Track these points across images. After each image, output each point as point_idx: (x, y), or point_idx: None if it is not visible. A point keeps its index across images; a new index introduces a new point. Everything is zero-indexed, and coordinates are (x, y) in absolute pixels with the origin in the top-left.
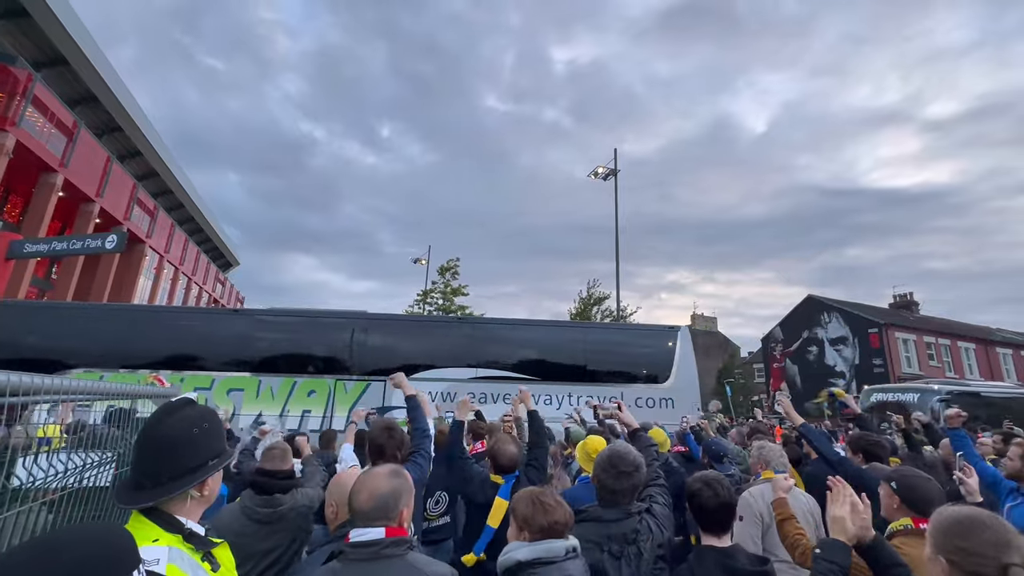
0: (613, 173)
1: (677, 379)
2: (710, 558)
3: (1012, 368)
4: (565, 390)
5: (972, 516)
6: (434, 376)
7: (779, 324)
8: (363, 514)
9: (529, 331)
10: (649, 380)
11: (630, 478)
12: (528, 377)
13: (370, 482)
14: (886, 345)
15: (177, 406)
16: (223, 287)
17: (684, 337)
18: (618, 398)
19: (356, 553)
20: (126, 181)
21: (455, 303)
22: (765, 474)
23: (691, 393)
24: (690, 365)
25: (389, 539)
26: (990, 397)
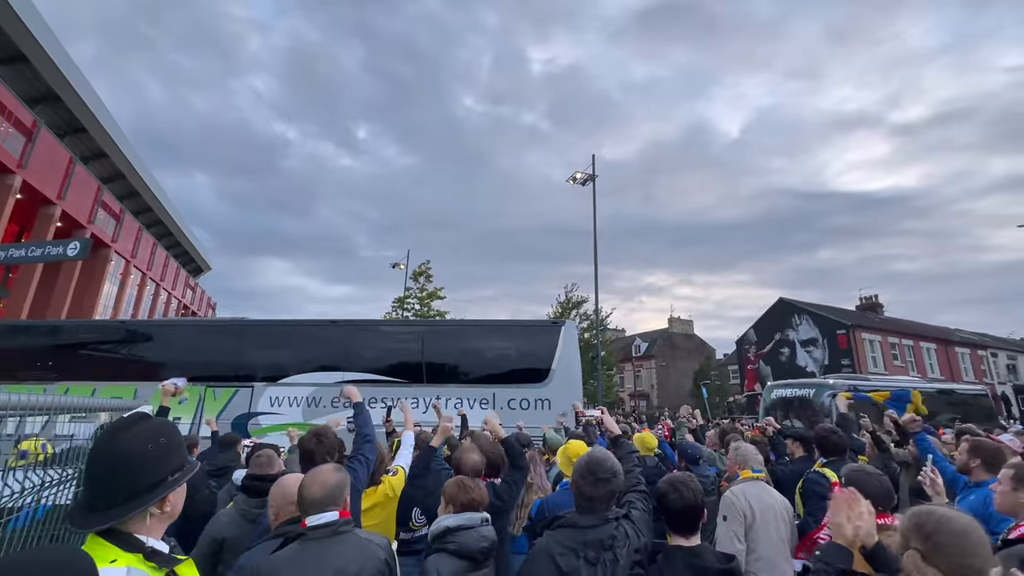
0: (591, 178)
1: (556, 379)
2: (678, 558)
3: (969, 367)
4: (434, 392)
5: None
6: (302, 381)
7: (753, 326)
8: (316, 503)
9: (400, 331)
10: (528, 380)
11: (607, 484)
12: (398, 380)
13: (320, 476)
14: (853, 346)
15: (130, 421)
16: (194, 293)
17: (568, 334)
18: (490, 399)
19: (316, 534)
20: (90, 183)
21: (432, 307)
22: (744, 473)
23: (570, 393)
24: (572, 364)
25: (342, 519)
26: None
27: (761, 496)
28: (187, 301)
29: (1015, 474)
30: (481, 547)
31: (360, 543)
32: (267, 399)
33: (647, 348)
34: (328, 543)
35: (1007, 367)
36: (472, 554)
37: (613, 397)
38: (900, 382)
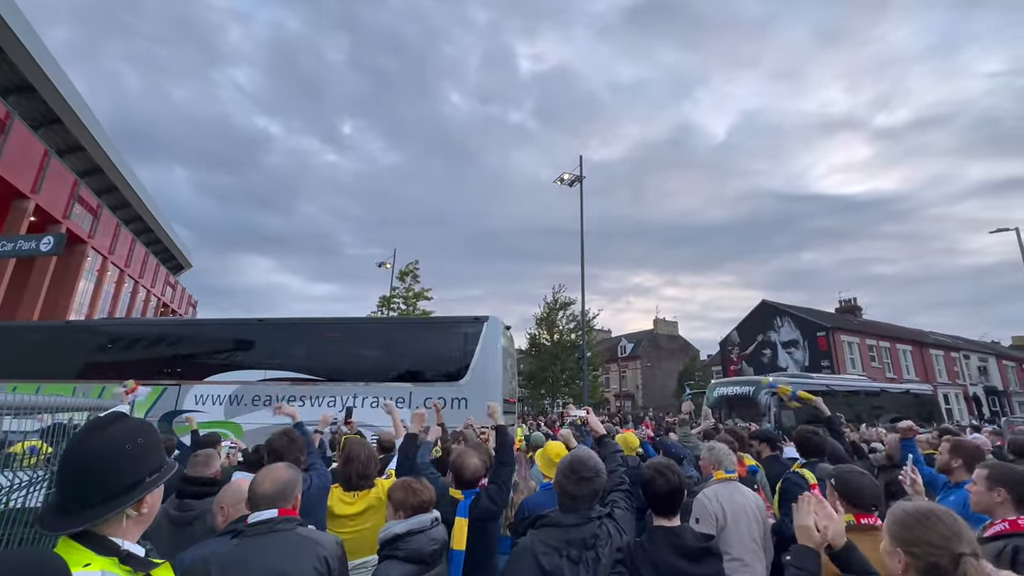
0: (579, 180)
1: (474, 376)
2: (660, 537)
3: (943, 368)
4: (352, 390)
5: (928, 510)
6: (222, 379)
7: (736, 328)
8: (266, 498)
9: (321, 329)
10: (446, 378)
11: (591, 483)
12: (315, 378)
13: (272, 473)
14: (833, 347)
15: (106, 421)
16: (174, 291)
17: (490, 331)
18: (406, 397)
19: (252, 530)
20: (66, 177)
21: (418, 307)
22: (717, 475)
23: (487, 392)
24: (492, 361)
25: (281, 516)
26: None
27: (732, 497)
28: (167, 299)
29: (989, 474)
30: (432, 550)
31: (298, 541)
32: (192, 397)
33: (632, 349)
34: (263, 540)
35: (978, 369)
36: (422, 557)
37: (599, 397)
38: (845, 381)
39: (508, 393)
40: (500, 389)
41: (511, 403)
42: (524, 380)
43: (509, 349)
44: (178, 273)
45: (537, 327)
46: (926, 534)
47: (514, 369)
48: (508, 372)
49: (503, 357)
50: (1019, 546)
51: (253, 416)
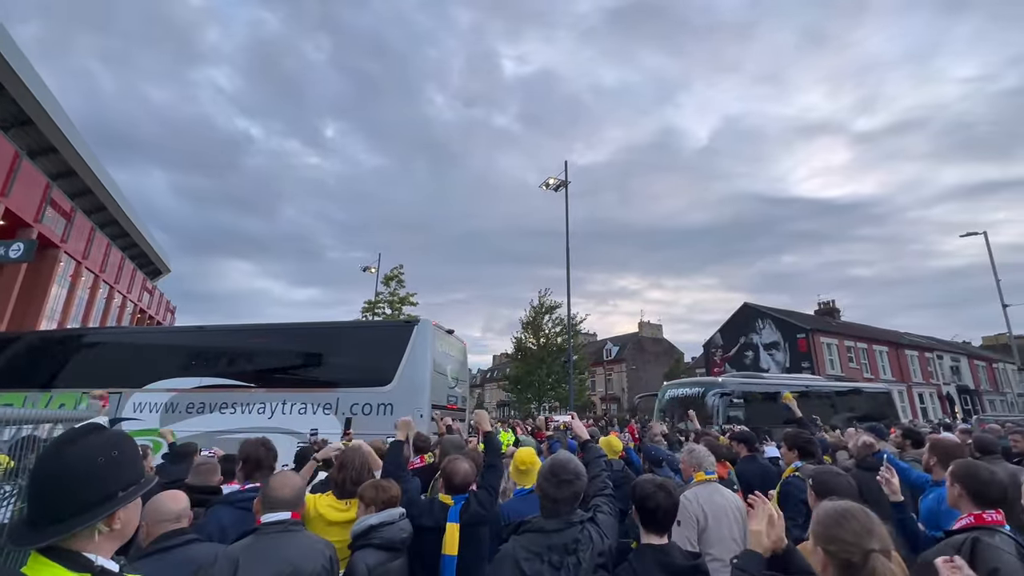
0: (564, 184)
1: (400, 381)
2: (649, 556)
3: (918, 368)
4: (281, 397)
5: (844, 509)
6: (158, 387)
7: (719, 330)
8: (286, 502)
9: (252, 335)
10: (374, 383)
11: (571, 486)
12: (248, 384)
13: (290, 480)
14: (813, 349)
15: (80, 433)
16: (151, 296)
17: (421, 334)
18: (334, 404)
19: (269, 529)
20: (37, 179)
21: (403, 312)
22: (698, 476)
23: (414, 397)
24: (420, 365)
25: (294, 519)
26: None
27: (713, 498)
28: (144, 305)
29: (952, 471)
30: (402, 538)
31: (309, 541)
32: (131, 405)
33: (618, 352)
34: (280, 538)
35: (951, 368)
36: (394, 545)
37: (584, 401)
38: (797, 381)
39: (449, 399)
40: (427, 395)
41: (451, 409)
42: (511, 384)
43: (450, 353)
44: (156, 278)
45: (523, 331)
46: (840, 532)
47: (463, 375)
48: (446, 377)
49: (435, 362)
50: (978, 538)
51: (187, 424)
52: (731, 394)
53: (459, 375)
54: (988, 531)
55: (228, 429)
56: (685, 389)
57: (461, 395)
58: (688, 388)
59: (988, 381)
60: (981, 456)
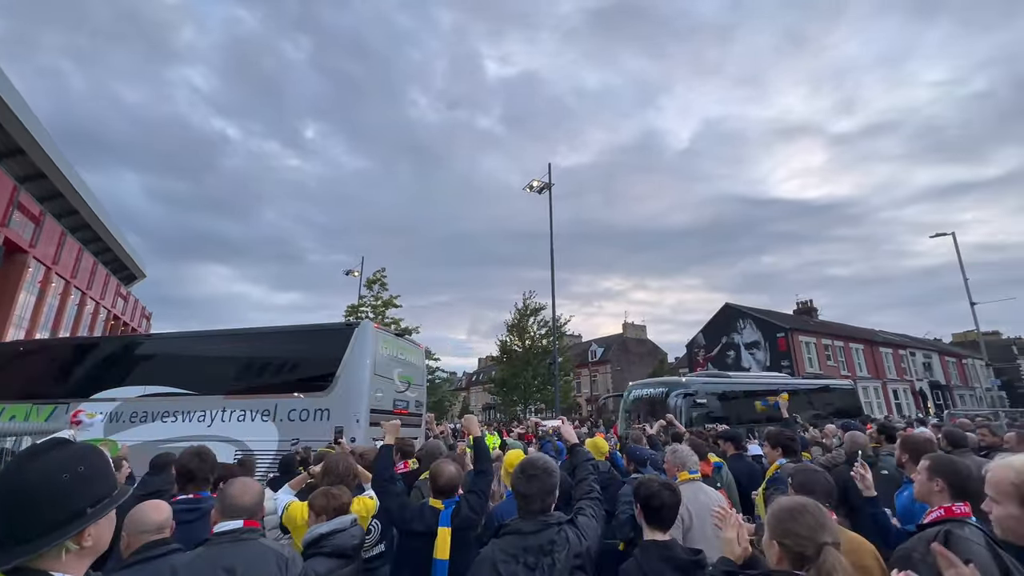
0: (548, 187)
1: (338, 386)
2: (654, 552)
3: (892, 365)
4: (220, 404)
5: (799, 504)
6: (105, 396)
7: (701, 330)
8: (245, 509)
9: (191, 342)
10: (312, 388)
11: (539, 480)
12: (189, 392)
13: (251, 487)
14: (792, 348)
15: (43, 449)
16: (126, 302)
17: (361, 338)
18: (272, 410)
19: (219, 539)
20: (4, 182)
21: (387, 316)
22: (681, 476)
23: (351, 402)
24: (359, 369)
25: (247, 527)
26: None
27: (696, 497)
28: (118, 311)
29: (930, 465)
30: (353, 544)
31: (259, 548)
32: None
33: (603, 353)
34: (226, 547)
35: (923, 365)
36: (345, 552)
37: (570, 402)
38: (765, 380)
39: (397, 403)
40: (364, 400)
41: (399, 414)
42: (496, 387)
43: (400, 356)
44: (130, 284)
45: (509, 333)
46: (795, 526)
47: (419, 379)
48: (393, 381)
49: (378, 365)
50: (950, 530)
51: (131, 433)
52: (694, 394)
53: (413, 379)
54: (958, 523)
55: (170, 438)
56: (649, 389)
57: (415, 399)
58: (652, 388)
59: (958, 376)
60: (952, 450)
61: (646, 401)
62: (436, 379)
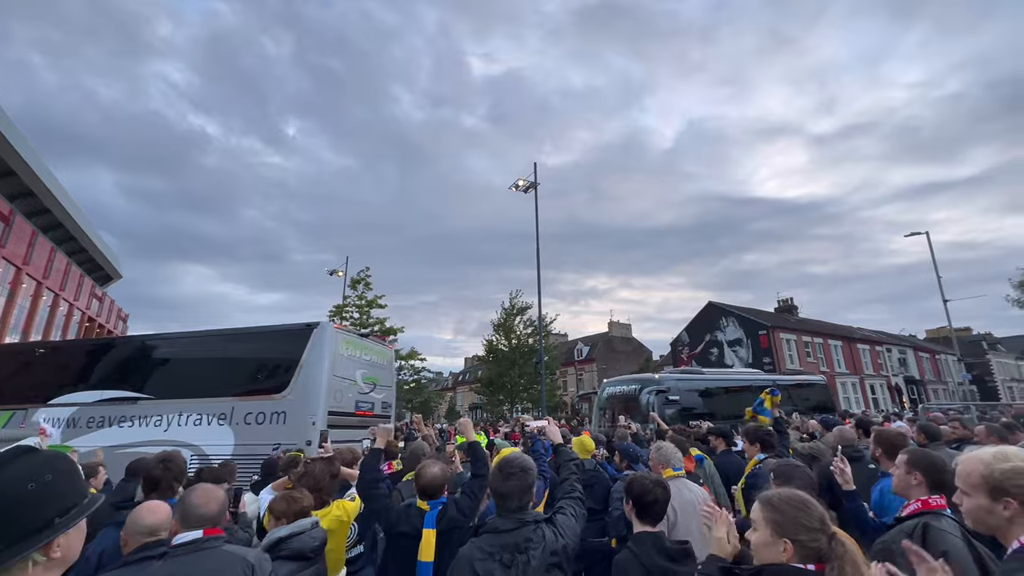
0: (533, 186)
1: (295, 388)
2: (647, 541)
3: (869, 361)
4: (177, 408)
5: (801, 499)
6: (61, 402)
7: (686, 328)
8: (210, 518)
9: (151, 345)
10: (268, 391)
11: (515, 478)
12: (147, 396)
13: (214, 494)
14: (773, 345)
15: (7, 457)
16: (101, 304)
17: (319, 338)
18: (228, 413)
19: (177, 551)
20: None
21: (372, 316)
22: (666, 473)
23: (308, 404)
24: (314, 372)
25: (206, 536)
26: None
27: (681, 493)
28: (93, 313)
29: (908, 459)
30: (313, 547)
31: (223, 558)
32: (38, 421)
33: (588, 352)
34: (187, 559)
35: (899, 360)
36: (304, 554)
37: (556, 401)
38: (739, 376)
39: (360, 405)
40: (321, 402)
41: (363, 416)
42: (483, 387)
43: (364, 357)
44: (106, 284)
45: (495, 332)
46: (808, 520)
47: (385, 380)
48: (355, 383)
49: (338, 366)
50: (928, 523)
51: (88, 439)
52: (667, 391)
53: (380, 380)
54: (935, 515)
55: (127, 443)
56: (623, 386)
57: (381, 400)
58: (625, 385)
59: (932, 371)
60: (927, 443)
61: (619, 398)
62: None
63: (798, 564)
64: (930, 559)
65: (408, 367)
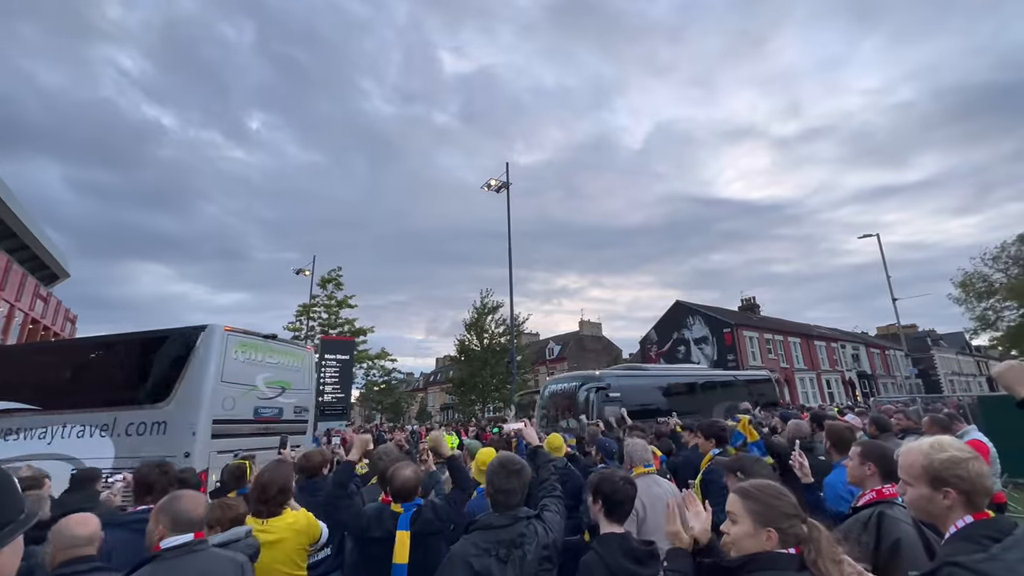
0: (505, 186)
1: (177, 397)
2: (613, 542)
3: (825, 357)
4: (61, 420)
5: (776, 488)
6: None
7: (654, 327)
8: (198, 522)
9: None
10: (151, 400)
11: (518, 476)
12: (32, 407)
13: (200, 499)
14: (737, 342)
15: None
16: (46, 304)
17: (204, 342)
18: (111, 424)
19: (170, 553)
20: None
21: (340, 316)
22: (636, 470)
23: (189, 413)
24: (198, 378)
25: (198, 539)
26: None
27: (650, 489)
28: (37, 314)
29: (861, 451)
30: (248, 555)
31: (214, 559)
32: None
33: (559, 351)
34: (180, 561)
35: (852, 356)
36: None
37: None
38: (682, 372)
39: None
40: (204, 411)
41: (269, 422)
42: (454, 387)
43: (269, 360)
44: (52, 284)
45: (467, 332)
46: (785, 508)
47: (301, 383)
48: (255, 388)
49: (231, 371)
50: (883, 511)
51: None
52: (607, 388)
53: (292, 383)
54: (888, 504)
55: (10, 457)
56: (564, 384)
57: (294, 405)
58: (567, 383)
59: (882, 366)
60: (879, 434)
61: (561, 397)
62: (392, 380)
63: (781, 550)
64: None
65: (378, 368)
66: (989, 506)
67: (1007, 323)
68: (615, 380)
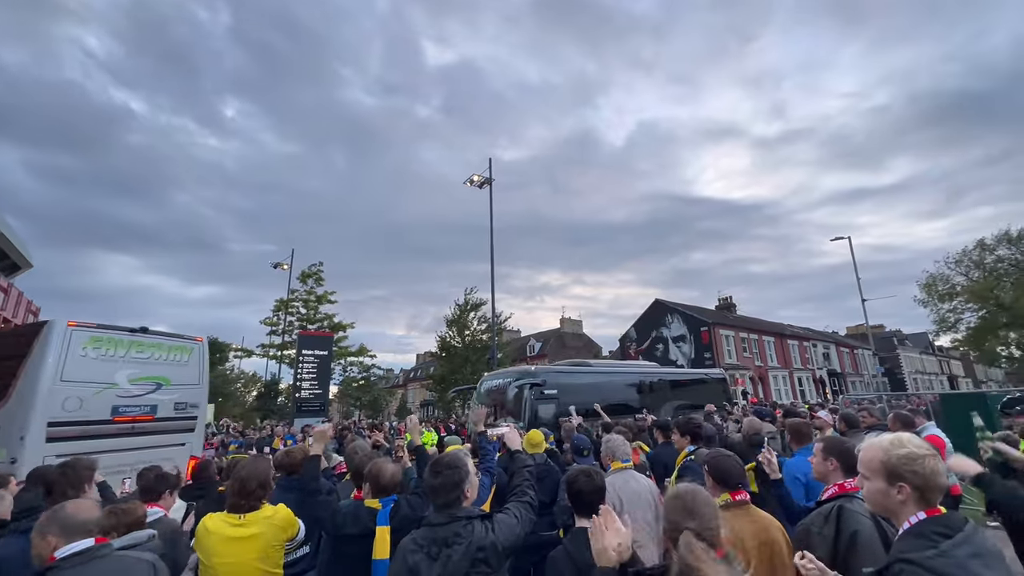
0: (488, 182)
1: (12, 398)
2: (582, 538)
3: (798, 355)
4: None
5: (681, 492)
6: None
7: (634, 325)
8: (95, 523)
9: None
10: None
11: (442, 475)
12: None
13: (88, 502)
14: (714, 341)
15: None
16: (6, 296)
17: (43, 339)
18: None
19: (68, 563)
20: None
21: (320, 311)
22: (614, 465)
23: (26, 416)
24: (33, 377)
25: (98, 544)
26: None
27: (628, 484)
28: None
29: (824, 446)
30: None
31: (124, 562)
32: None
33: (540, 348)
34: (84, 569)
35: (823, 355)
36: None
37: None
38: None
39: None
40: (37, 412)
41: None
42: (435, 383)
43: (131, 355)
44: (12, 274)
45: (448, 328)
46: (671, 514)
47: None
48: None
49: (63, 371)
50: (843, 505)
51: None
52: (542, 385)
53: (170, 379)
54: (848, 498)
55: None
56: (499, 380)
57: (174, 402)
58: (502, 379)
59: (851, 365)
60: (848, 430)
61: (497, 392)
62: (372, 376)
63: None
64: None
65: (357, 364)
66: (945, 498)
67: (967, 325)
68: (551, 377)
